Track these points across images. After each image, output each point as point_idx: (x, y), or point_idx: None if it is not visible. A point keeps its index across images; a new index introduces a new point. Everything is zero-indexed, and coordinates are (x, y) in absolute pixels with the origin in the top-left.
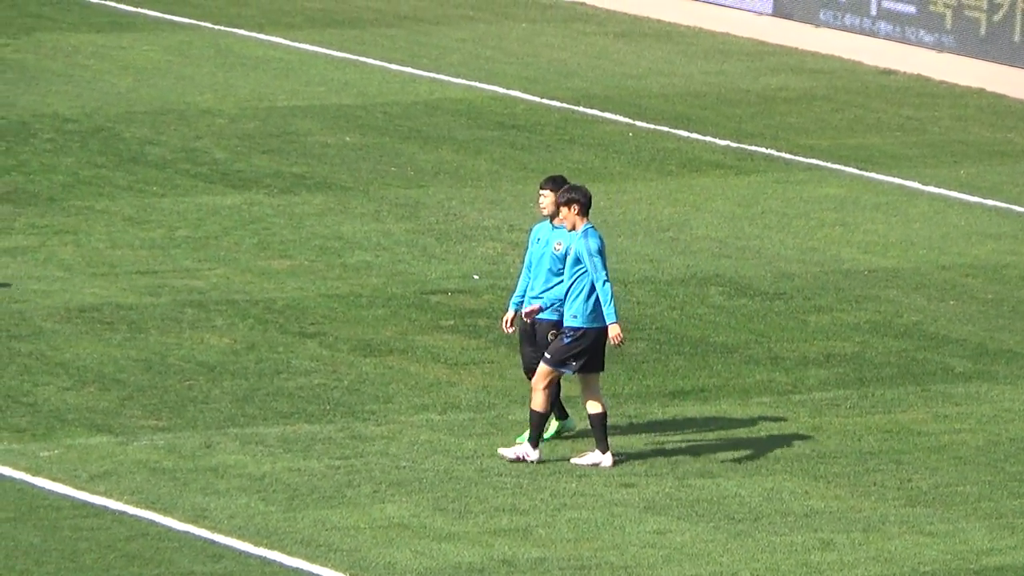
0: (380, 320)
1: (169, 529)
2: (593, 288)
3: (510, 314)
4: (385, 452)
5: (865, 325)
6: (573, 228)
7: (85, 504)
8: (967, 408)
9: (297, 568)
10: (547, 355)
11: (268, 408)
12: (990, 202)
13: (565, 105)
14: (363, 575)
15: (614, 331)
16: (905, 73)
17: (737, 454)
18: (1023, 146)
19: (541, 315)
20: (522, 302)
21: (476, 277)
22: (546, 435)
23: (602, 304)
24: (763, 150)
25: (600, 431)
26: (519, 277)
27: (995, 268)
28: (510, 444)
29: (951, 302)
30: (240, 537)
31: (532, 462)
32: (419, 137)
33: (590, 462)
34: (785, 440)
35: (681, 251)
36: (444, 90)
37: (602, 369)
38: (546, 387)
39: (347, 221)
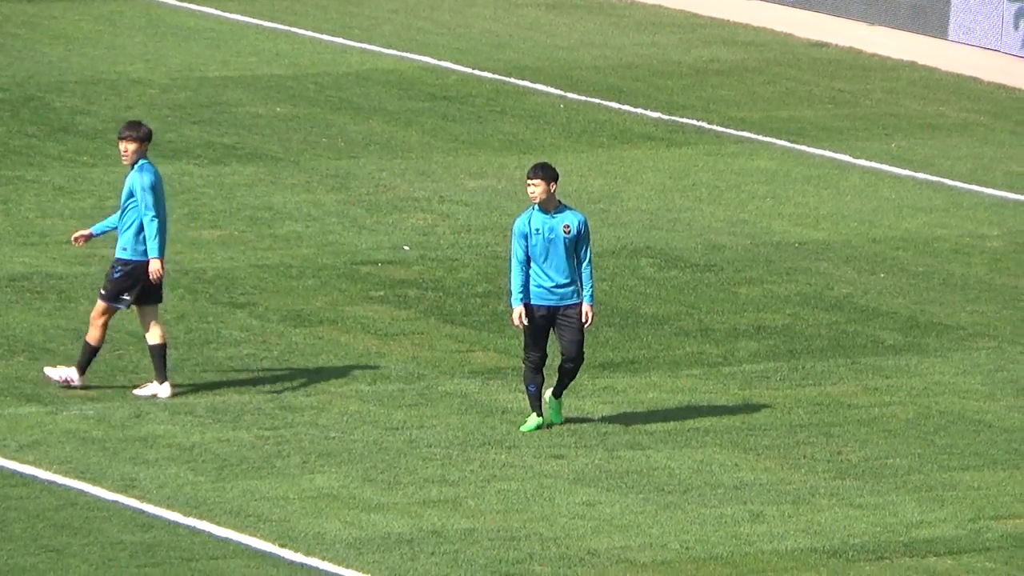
0: (310, 291)
1: (98, 499)
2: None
3: (520, 308)
4: (314, 423)
5: (796, 297)
6: (132, 164)
7: (14, 474)
8: (897, 381)
9: (226, 538)
10: (102, 291)
11: (198, 378)
12: (921, 175)
13: (497, 76)
14: (292, 545)
15: (154, 266)
16: (837, 46)
17: (667, 426)
18: (954, 119)
19: (572, 300)
20: (525, 294)
21: (406, 248)
22: (528, 427)
23: (147, 239)
24: (694, 122)
25: (160, 361)
26: (512, 272)
27: (926, 241)
28: (439, 415)
29: (882, 275)
30: (169, 507)
31: (77, 386)
32: (350, 108)
33: (149, 393)
34: (715, 412)
35: (612, 223)
36: (375, 61)
37: (160, 300)
38: (102, 322)
39: (277, 192)
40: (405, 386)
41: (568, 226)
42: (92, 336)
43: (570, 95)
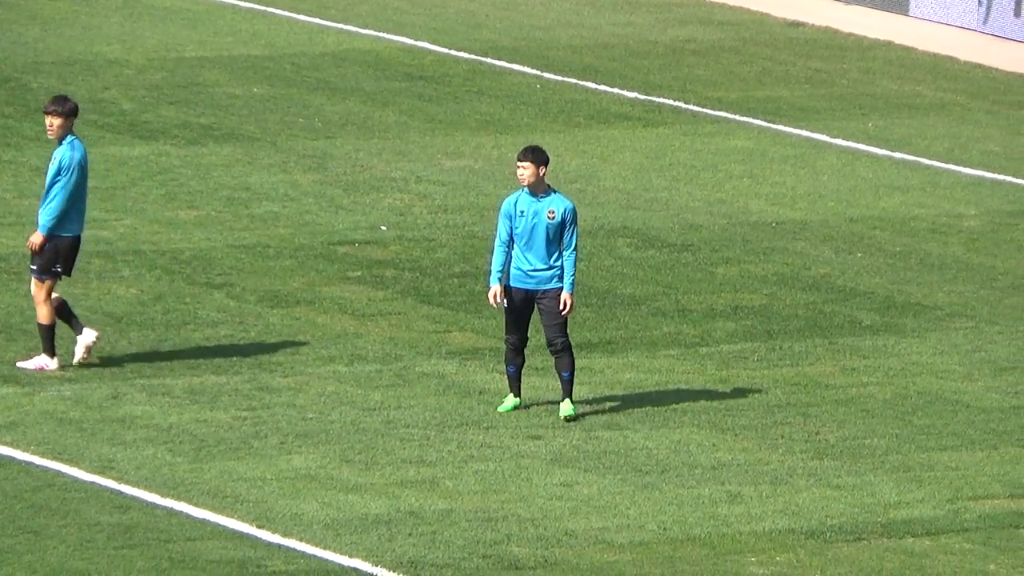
0: (287, 271)
1: (76, 480)
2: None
3: (497, 287)
4: (292, 403)
5: (773, 277)
6: (60, 139)
7: None
8: (875, 361)
9: (204, 519)
10: (33, 267)
11: (175, 359)
12: (898, 155)
13: (473, 56)
14: (269, 526)
15: (36, 238)
16: (813, 25)
17: (644, 406)
18: (931, 99)
19: (549, 285)
20: (503, 275)
21: (383, 228)
22: (504, 408)
23: (50, 210)
24: (671, 102)
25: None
26: (493, 251)
27: (903, 221)
28: (417, 395)
29: (859, 255)
30: (147, 488)
31: (54, 369)
32: (327, 88)
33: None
34: (693, 393)
35: (589, 203)
36: (352, 41)
37: (69, 274)
38: (44, 298)
39: (255, 172)
40: (382, 367)
41: (553, 212)
42: (41, 315)
43: (547, 75)
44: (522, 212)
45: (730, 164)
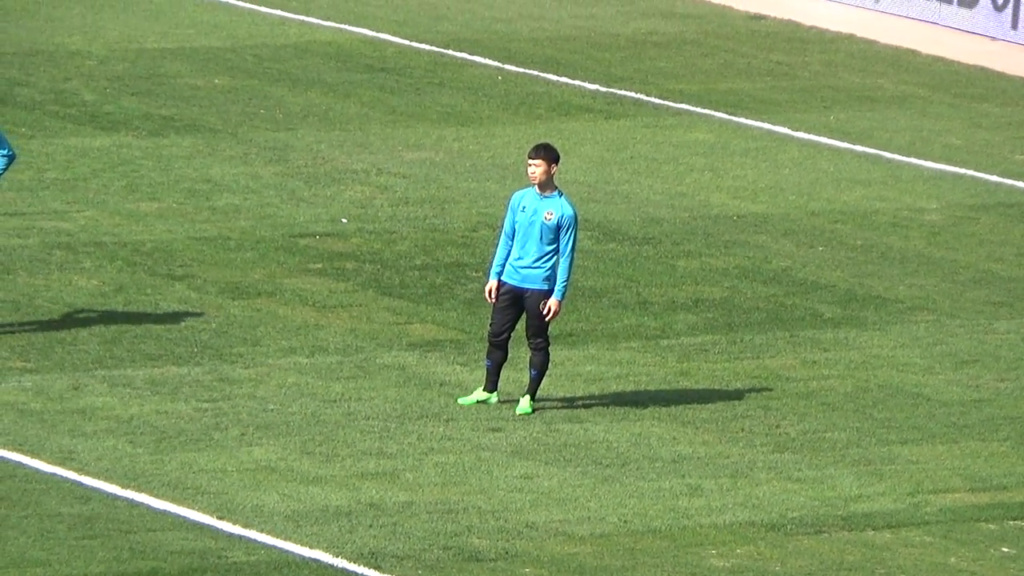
0: (248, 263)
1: (36, 471)
2: None
3: (493, 283)
4: (253, 395)
5: (734, 270)
6: None
7: None
8: (836, 354)
9: (164, 510)
10: None
11: (136, 350)
12: (860, 148)
13: (435, 48)
14: (230, 518)
15: None
16: (775, 18)
17: (605, 399)
18: (893, 92)
19: (533, 285)
20: (502, 271)
21: (344, 220)
22: (466, 401)
23: None
24: (633, 95)
25: None
26: (497, 245)
27: (864, 214)
28: (377, 387)
29: (820, 248)
30: (107, 479)
31: None
32: (288, 80)
33: None
34: (653, 385)
35: None
36: (313, 33)
37: None
38: None
39: (216, 164)
40: (343, 358)
41: (551, 213)
42: None
43: (508, 67)
44: (524, 208)
45: (691, 157)
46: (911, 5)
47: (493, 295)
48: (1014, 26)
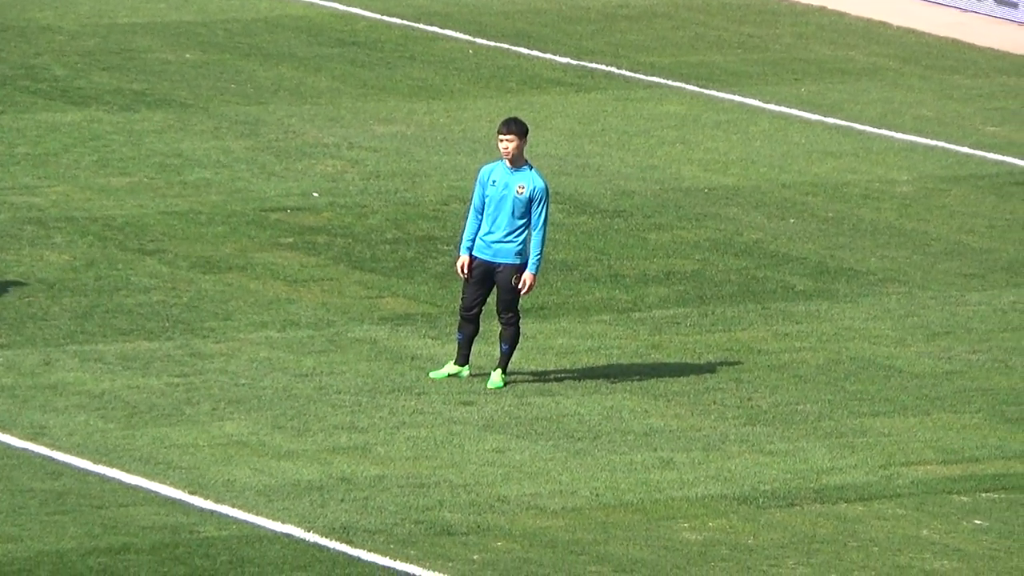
0: (219, 237)
1: (8, 446)
2: None
3: (465, 258)
4: (224, 370)
5: (705, 243)
6: None
7: None
8: (807, 326)
9: (136, 485)
10: None
11: (107, 325)
12: (831, 120)
13: (405, 22)
14: (202, 492)
15: None
16: None
17: (576, 372)
18: (864, 64)
19: (505, 260)
20: (473, 245)
21: (315, 194)
22: (438, 375)
23: None
24: (604, 67)
25: None
26: (466, 219)
27: (835, 186)
28: (348, 361)
29: (791, 220)
30: (79, 454)
31: None
32: (259, 54)
33: None
34: (625, 358)
35: None
36: (284, 7)
37: None
38: None
39: (187, 138)
40: (314, 332)
41: (523, 187)
42: None
43: (479, 40)
44: (494, 182)
45: (663, 130)
46: None
47: (466, 270)
48: None
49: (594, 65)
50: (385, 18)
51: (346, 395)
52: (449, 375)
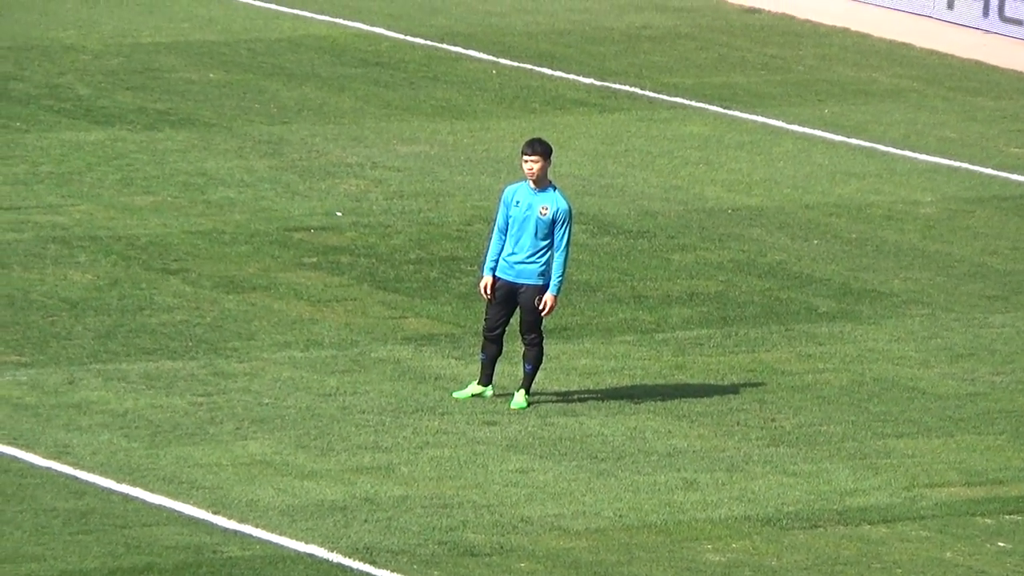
0: (243, 257)
1: (31, 465)
2: None
3: (488, 279)
4: (247, 389)
5: (729, 264)
6: None
7: None
8: (831, 348)
9: (159, 505)
10: None
11: (131, 344)
12: (854, 141)
13: (429, 42)
14: (225, 512)
15: None
16: (769, 12)
17: (600, 393)
18: (887, 85)
19: (528, 280)
20: (496, 265)
21: (339, 214)
22: (461, 395)
23: None
24: (627, 88)
25: None
26: (490, 239)
27: (859, 207)
28: (372, 381)
29: (815, 241)
30: (103, 473)
31: None
32: (283, 74)
33: None
34: (648, 379)
35: None
36: (308, 27)
37: None
38: None
39: (210, 157)
40: (338, 352)
41: (546, 208)
42: None
43: (503, 61)
44: (518, 202)
45: (686, 150)
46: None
47: (488, 291)
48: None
49: (617, 86)
50: (409, 38)
51: (369, 415)
52: (472, 395)
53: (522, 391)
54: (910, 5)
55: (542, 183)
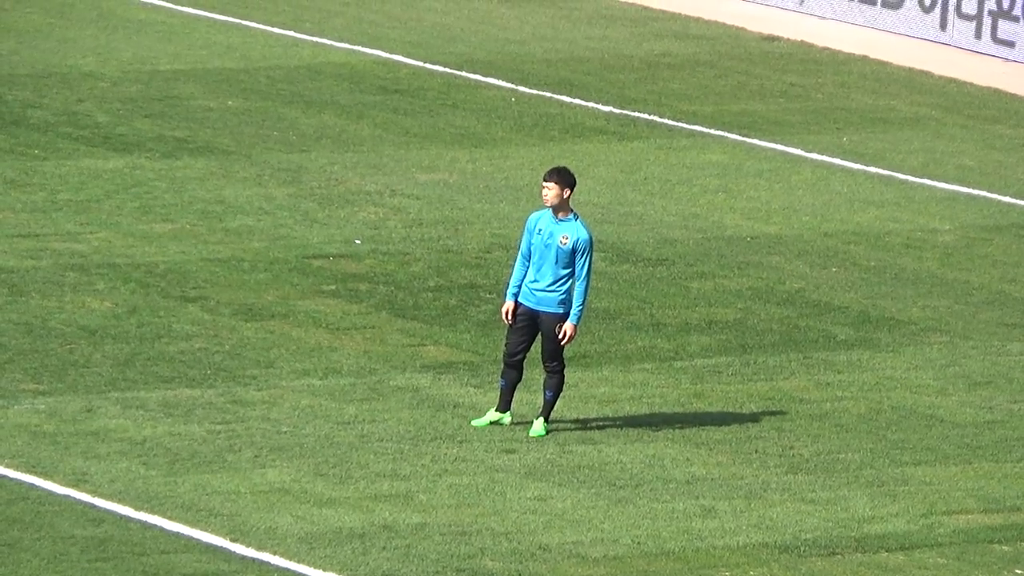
0: (262, 284)
1: (50, 493)
2: None
3: (510, 304)
4: (266, 417)
5: (747, 292)
6: None
7: None
8: (849, 376)
9: (178, 532)
10: None
11: (149, 372)
12: (873, 169)
13: (448, 70)
14: (243, 540)
15: None
16: (788, 39)
17: (618, 420)
18: (906, 113)
19: (548, 308)
20: (519, 292)
21: (358, 242)
22: (480, 423)
23: None
24: (646, 116)
25: None
26: (514, 266)
27: (877, 235)
28: (391, 409)
29: (833, 269)
30: (121, 501)
31: None
32: (301, 101)
33: None
34: (667, 407)
35: None
36: (327, 54)
37: None
38: None
39: (229, 185)
40: (356, 380)
41: (566, 238)
42: None
43: (521, 89)
44: (540, 230)
45: (705, 178)
46: (922, 26)
47: (510, 316)
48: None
49: (636, 114)
50: (428, 66)
51: (388, 443)
52: (491, 423)
53: (541, 419)
54: (929, 33)
55: (561, 211)
